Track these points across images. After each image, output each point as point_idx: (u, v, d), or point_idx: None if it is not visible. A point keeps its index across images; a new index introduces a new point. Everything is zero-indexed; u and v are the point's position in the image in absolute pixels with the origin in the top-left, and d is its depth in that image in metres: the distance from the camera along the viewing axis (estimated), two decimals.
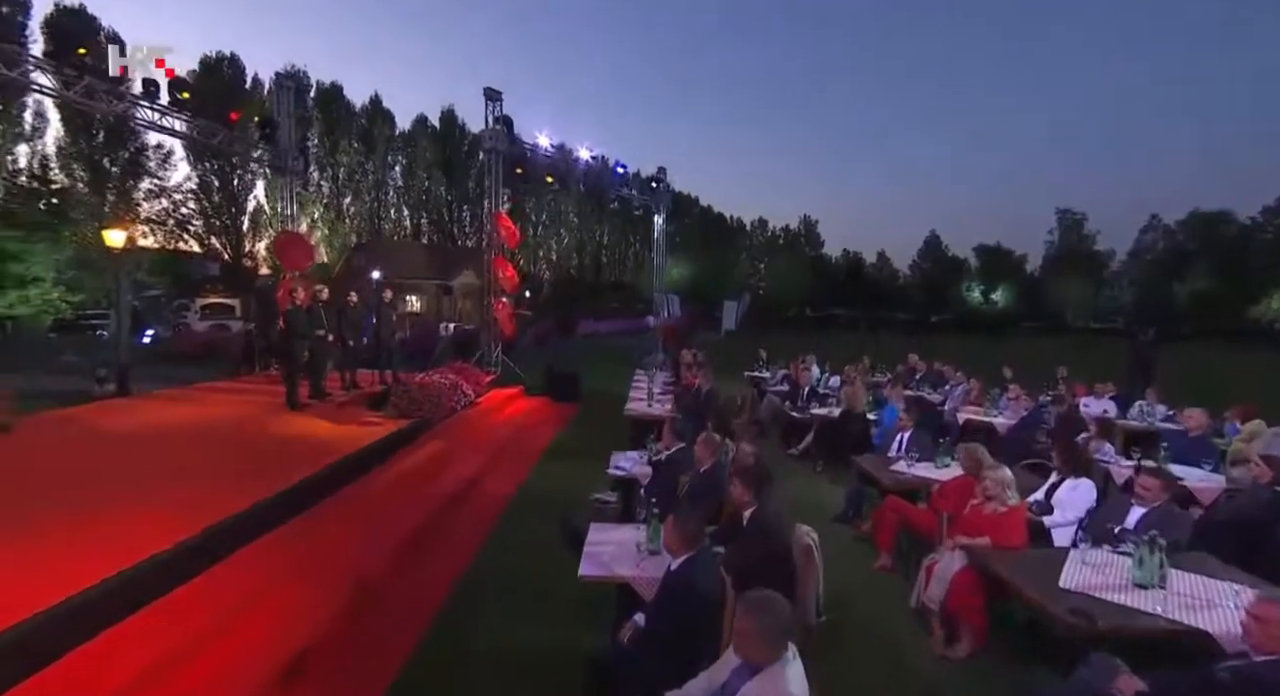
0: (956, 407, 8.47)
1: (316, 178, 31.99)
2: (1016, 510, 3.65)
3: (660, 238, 18.20)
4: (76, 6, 23.64)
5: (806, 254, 58.72)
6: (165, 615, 3.12)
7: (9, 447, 5.60)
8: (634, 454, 5.29)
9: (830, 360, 12.70)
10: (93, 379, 10.42)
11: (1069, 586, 2.94)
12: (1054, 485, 4.35)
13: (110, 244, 10.18)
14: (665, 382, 10.36)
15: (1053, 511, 4.16)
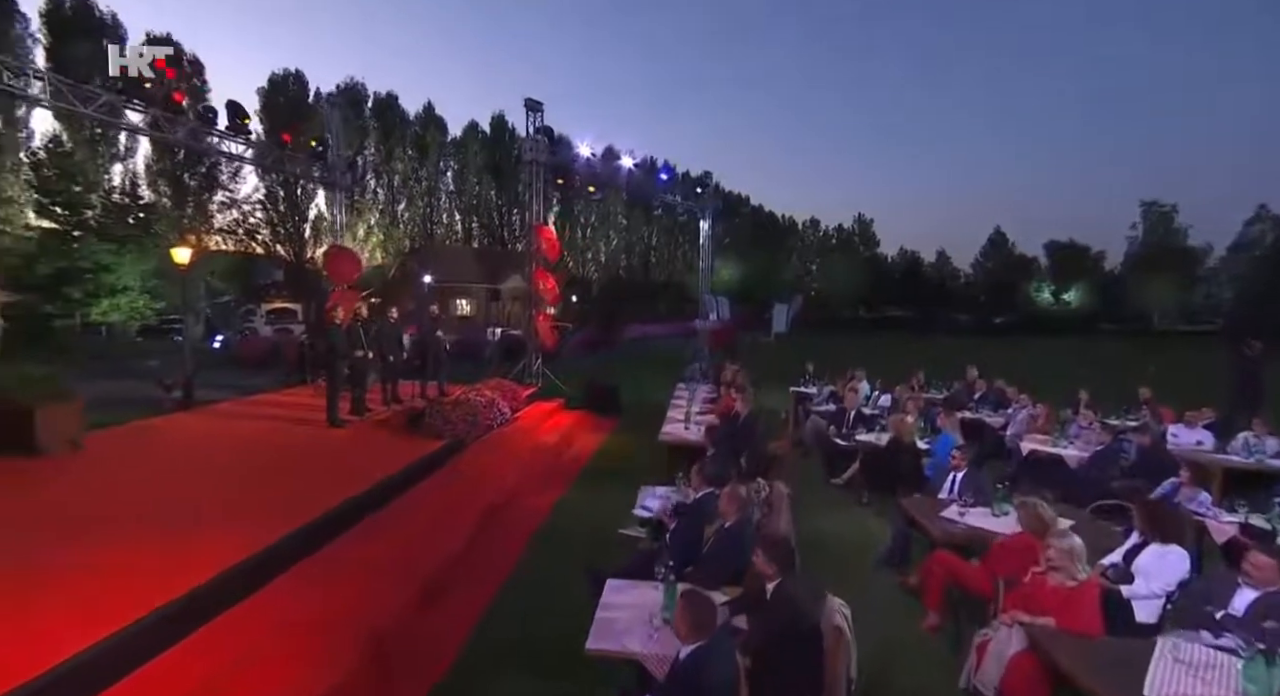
0: (1020, 434, 7.80)
1: (372, 185, 33.19)
2: (1088, 586, 3.19)
3: (706, 242, 17.84)
4: (164, 34, 25.34)
5: (861, 253, 56.79)
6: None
7: (75, 467, 5.91)
8: (663, 490, 5.04)
9: (882, 373, 12.05)
10: (166, 384, 11.08)
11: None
12: (1136, 547, 3.82)
13: (177, 261, 10.74)
14: (706, 399, 10.06)
15: (1133, 580, 3.65)
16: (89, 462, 6.02)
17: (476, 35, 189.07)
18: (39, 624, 3.12)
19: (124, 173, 24.19)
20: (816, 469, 7.96)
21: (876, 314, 55.09)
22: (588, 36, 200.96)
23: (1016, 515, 4.12)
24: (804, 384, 11.57)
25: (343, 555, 4.54)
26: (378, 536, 4.93)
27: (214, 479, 5.43)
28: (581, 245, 47.27)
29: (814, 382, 11.47)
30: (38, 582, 3.53)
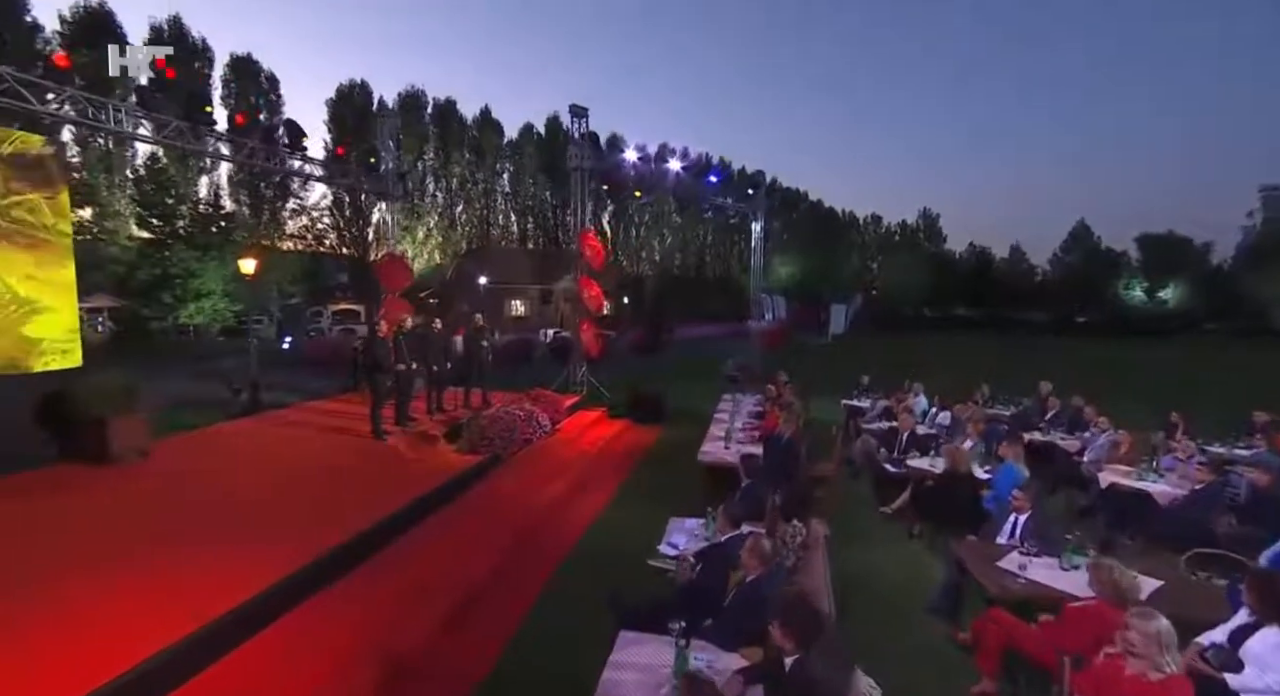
0: (1099, 462, 7.04)
1: (431, 188, 34.27)
2: (1176, 684, 2.71)
3: (758, 244, 17.31)
4: (245, 54, 27.06)
5: (926, 250, 54.04)
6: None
7: (139, 476, 6.26)
8: (693, 524, 4.80)
9: (946, 379, 11.27)
10: (235, 387, 11.76)
11: None
12: (1247, 627, 3.20)
13: (244, 271, 11.33)
14: (751, 412, 9.69)
15: (1241, 667, 3.07)
16: (151, 472, 6.36)
17: (532, 38, 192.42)
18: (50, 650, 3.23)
19: (209, 184, 26.06)
20: (867, 492, 7.49)
21: (942, 313, 52.34)
22: (645, 34, 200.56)
23: (1088, 573, 3.62)
24: (856, 396, 10.97)
25: (368, 578, 4.55)
26: (405, 558, 4.93)
27: (252, 496, 5.59)
28: (636, 244, 47.28)
29: (867, 395, 10.86)
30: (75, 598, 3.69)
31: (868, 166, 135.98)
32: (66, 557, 4.26)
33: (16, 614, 3.54)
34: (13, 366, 6.25)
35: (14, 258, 6.24)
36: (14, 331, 6.25)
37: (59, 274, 6.62)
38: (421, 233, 33.53)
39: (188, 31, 25.12)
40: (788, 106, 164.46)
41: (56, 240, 6.58)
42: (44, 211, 6.46)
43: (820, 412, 12.08)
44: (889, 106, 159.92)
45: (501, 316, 31.18)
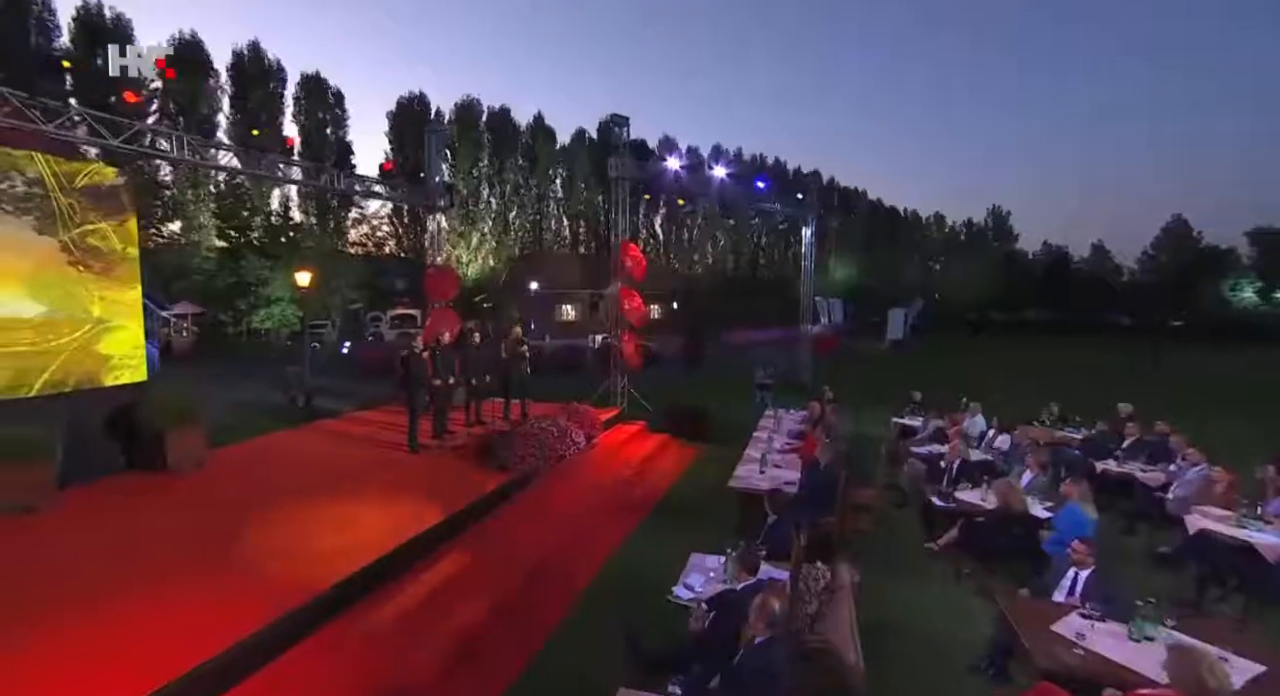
0: (1187, 502, 6.27)
1: (485, 194, 35.13)
2: None
3: (808, 249, 16.75)
4: (314, 72, 28.59)
5: (995, 249, 51.09)
6: None
7: (194, 485, 6.63)
8: (715, 563, 4.59)
9: (1013, 395, 10.45)
10: (291, 394, 12.42)
11: None
12: None
13: (300, 284, 11.89)
14: (792, 431, 9.32)
15: None
16: (198, 484, 6.72)
17: (588, 42, 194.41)
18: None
19: (280, 197, 27.67)
20: (914, 522, 7.03)
21: (1014, 316, 49.27)
22: (702, 34, 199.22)
23: (1166, 655, 3.10)
24: (907, 413, 10.37)
25: (377, 608, 4.58)
26: (420, 585, 4.95)
27: (277, 515, 5.78)
28: (689, 247, 46.94)
29: (919, 413, 10.24)
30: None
31: (931, 164, 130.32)
32: (90, 573, 4.52)
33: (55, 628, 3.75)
34: (88, 381, 6.73)
35: (88, 281, 6.72)
36: (89, 349, 6.74)
37: (127, 295, 7.09)
38: (476, 238, 34.43)
39: (264, 54, 26.82)
40: (848, 103, 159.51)
41: (125, 264, 7.06)
42: (114, 237, 6.94)
43: (870, 426, 11.55)
44: (955, 100, 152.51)
45: (552, 321, 31.60)
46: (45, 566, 4.72)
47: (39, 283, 6.36)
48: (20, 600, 4.10)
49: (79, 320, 6.65)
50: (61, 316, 6.51)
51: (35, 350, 6.31)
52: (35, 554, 4.97)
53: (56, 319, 6.47)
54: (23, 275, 6.25)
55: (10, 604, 4.04)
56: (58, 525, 5.51)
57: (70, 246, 6.58)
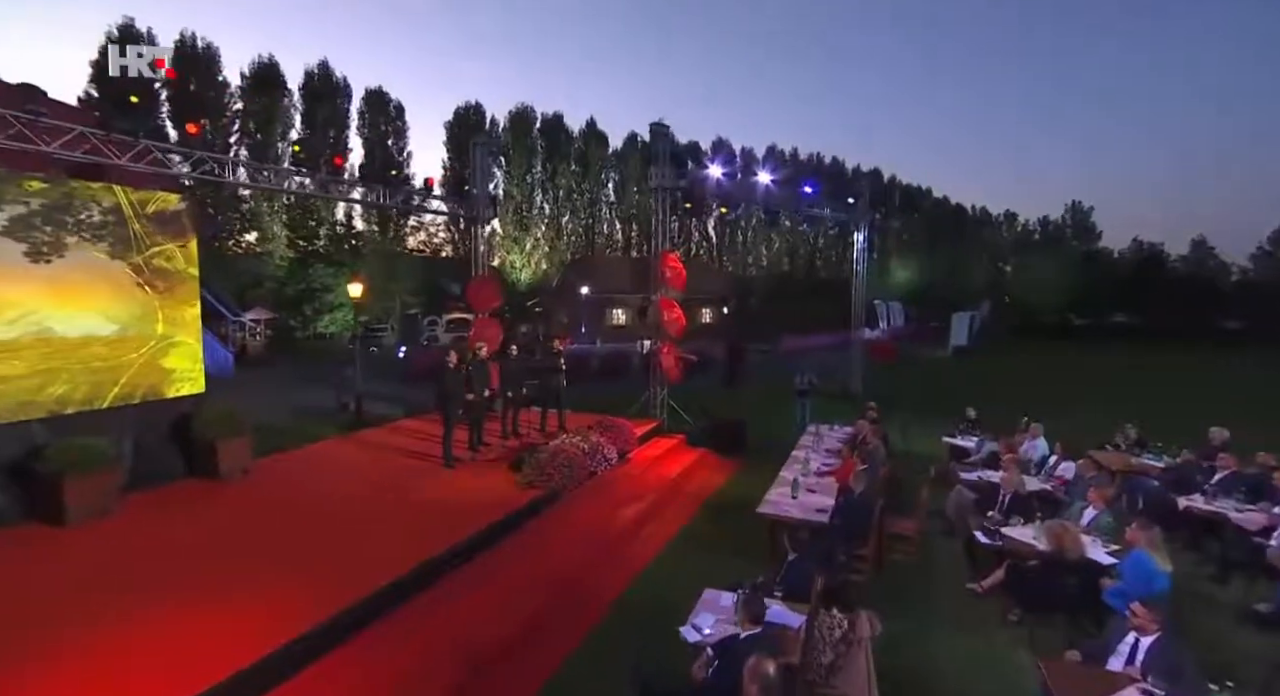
0: None
1: (539, 200, 35.80)
2: None
3: (860, 255, 16.12)
4: (377, 87, 30.01)
5: (1074, 248, 47.64)
6: None
7: (239, 493, 7.03)
8: (729, 601, 4.39)
9: (1089, 410, 9.55)
10: (343, 400, 13.01)
11: None
12: None
13: (352, 295, 12.44)
14: (833, 451, 8.94)
15: None
16: (248, 491, 7.13)
17: (638, 42, 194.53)
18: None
19: (345, 207, 29.23)
20: (959, 556, 6.56)
21: (1097, 320, 45.73)
22: (754, 31, 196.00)
23: None
24: (960, 433, 9.73)
25: (390, 631, 4.66)
26: (436, 608, 5.02)
27: (307, 527, 6.06)
28: (742, 250, 46.28)
29: (973, 432, 9.58)
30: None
31: (1002, 159, 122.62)
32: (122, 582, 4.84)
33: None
34: (153, 393, 7.26)
35: (154, 300, 7.24)
36: (154, 363, 7.26)
37: (188, 312, 7.59)
38: (529, 243, 35.15)
39: (332, 72, 28.41)
40: (911, 96, 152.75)
41: (186, 283, 7.57)
42: (178, 258, 7.45)
43: (921, 444, 10.96)
44: (1027, 92, 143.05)
45: (603, 325, 31.83)
46: (90, 570, 5.10)
47: (113, 303, 6.90)
48: (75, 602, 4.45)
49: (146, 337, 7.17)
50: (131, 333, 7.04)
51: (108, 365, 6.85)
52: (89, 558, 5.38)
53: (127, 336, 7.00)
54: (100, 297, 6.80)
55: (62, 607, 4.38)
56: (111, 531, 5.95)
57: (140, 268, 7.11)
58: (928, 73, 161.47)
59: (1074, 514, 6.27)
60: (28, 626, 4.18)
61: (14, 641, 3.98)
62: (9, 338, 6.18)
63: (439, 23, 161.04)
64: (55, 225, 6.47)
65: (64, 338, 6.53)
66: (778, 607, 4.31)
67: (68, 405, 6.57)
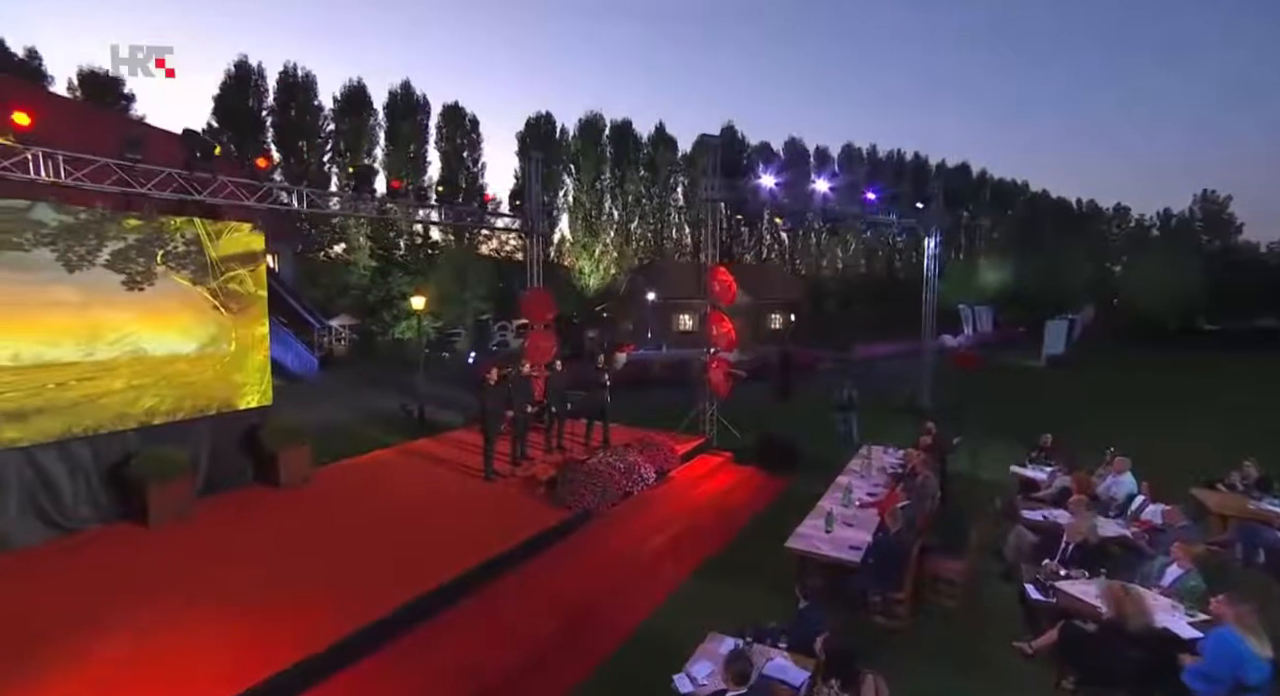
0: None
1: (608, 206, 36.25)
2: None
3: (931, 263, 15.12)
4: (453, 103, 31.57)
5: (1206, 244, 42.34)
6: None
7: (299, 501, 7.57)
8: (730, 647, 4.22)
9: (1207, 436, 8.21)
10: (407, 406, 13.74)
11: None
12: None
13: (415, 308, 13.11)
14: (884, 470, 8.43)
15: None
16: (305, 499, 7.66)
17: (709, 44, 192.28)
18: None
19: (423, 216, 30.99)
20: (1013, 605, 5.95)
21: (1232, 324, 40.22)
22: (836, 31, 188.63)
23: None
24: (1030, 462, 8.84)
25: (403, 654, 4.84)
26: (455, 627, 5.16)
27: (355, 537, 6.46)
28: (815, 252, 44.79)
29: (1046, 463, 8.67)
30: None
31: (1114, 148, 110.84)
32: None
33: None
34: (225, 405, 7.96)
35: (228, 320, 7.95)
36: (227, 377, 7.97)
37: (257, 330, 8.28)
38: (598, 249, 35.67)
39: (413, 91, 30.17)
40: (1001, 91, 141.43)
41: (256, 304, 8.25)
42: (248, 282, 8.13)
43: (993, 471, 10.12)
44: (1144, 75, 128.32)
45: (670, 331, 31.76)
46: (157, 572, 5.65)
47: (193, 324, 7.64)
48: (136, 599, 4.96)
49: (220, 354, 7.88)
50: (208, 351, 7.76)
51: (188, 380, 7.59)
52: (158, 559, 5.97)
53: (204, 353, 7.73)
54: (182, 319, 7.56)
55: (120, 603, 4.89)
56: (182, 534, 6.58)
57: (216, 292, 7.83)
58: (1022, 57, 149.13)
59: (1154, 571, 5.53)
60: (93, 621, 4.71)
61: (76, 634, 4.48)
62: (109, 357, 6.99)
63: (514, 35, 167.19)
64: (147, 257, 7.25)
65: (153, 356, 7.30)
66: (781, 660, 4.10)
67: (155, 416, 7.34)
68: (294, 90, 27.96)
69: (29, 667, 4.22)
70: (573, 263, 35.35)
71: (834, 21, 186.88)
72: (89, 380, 6.84)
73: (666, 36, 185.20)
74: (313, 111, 28.12)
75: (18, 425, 6.43)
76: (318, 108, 28.26)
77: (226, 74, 26.99)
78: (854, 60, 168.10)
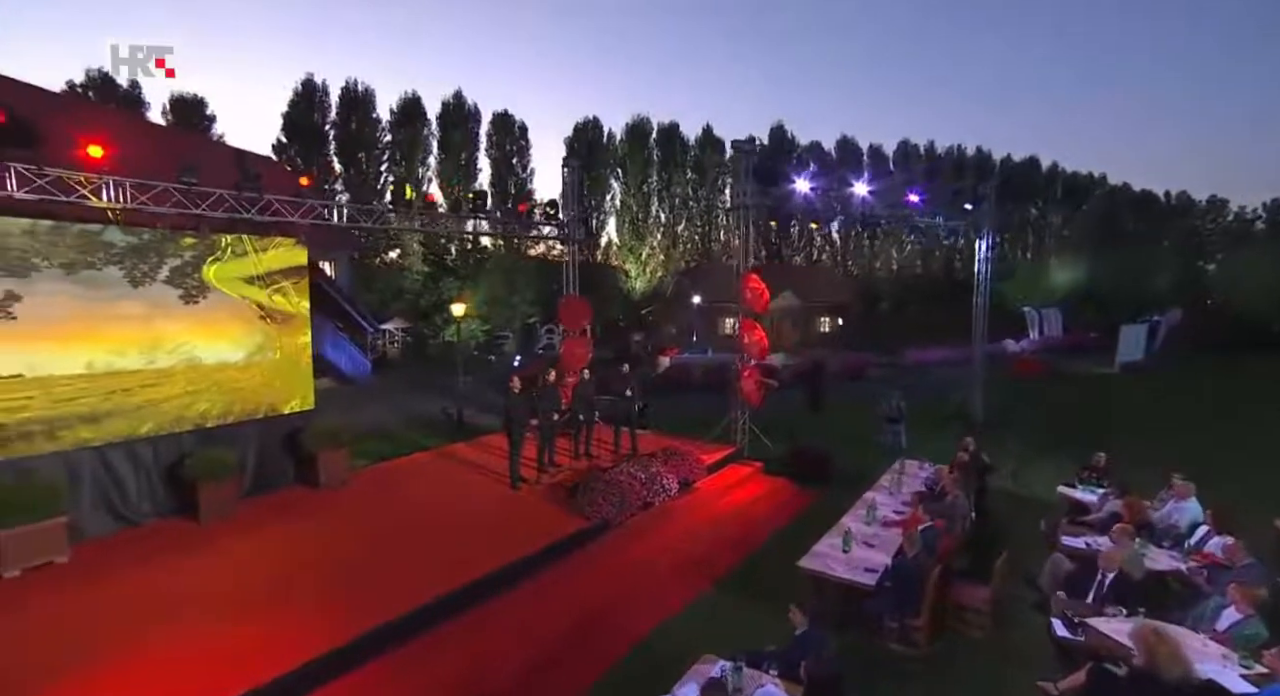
0: None
1: (654, 209, 36.30)
2: None
3: (982, 267, 14.35)
4: (503, 111, 32.47)
5: None
6: None
7: (335, 503, 7.99)
8: (719, 672, 4.16)
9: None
10: (448, 410, 14.19)
11: None
12: None
13: (455, 315, 13.56)
14: (923, 481, 8.10)
15: None
16: (341, 501, 8.07)
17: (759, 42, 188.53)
18: None
19: (473, 224, 31.93)
20: (1043, 636, 5.57)
21: None
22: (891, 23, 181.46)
23: None
24: (1080, 483, 8.24)
25: (416, 654, 5.02)
26: (462, 635, 5.32)
27: (379, 541, 6.79)
28: (869, 253, 43.36)
29: (1098, 484, 8.06)
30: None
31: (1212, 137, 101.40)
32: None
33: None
34: (271, 410, 8.49)
35: (273, 329, 8.48)
36: (272, 384, 8.49)
37: (299, 339, 8.78)
38: (645, 252, 35.79)
39: (465, 100, 31.19)
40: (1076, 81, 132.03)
41: (299, 314, 8.75)
42: (292, 294, 8.65)
43: (1040, 488, 9.54)
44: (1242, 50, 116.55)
45: (716, 334, 31.50)
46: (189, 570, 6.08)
47: (242, 334, 8.20)
48: None
49: (266, 362, 8.41)
50: (255, 359, 8.30)
51: (237, 386, 8.15)
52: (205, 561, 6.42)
53: (252, 361, 8.27)
54: (232, 329, 8.12)
55: None
56: (225, 532, 7.05)
57: (263, 304, 8.36)
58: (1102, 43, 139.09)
59: (1207, 613, 5.05)
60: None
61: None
62: (168, 365, 7.59)
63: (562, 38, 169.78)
64: (201, 272, 7.83)
65: (206, 363, 7.88)
66: (772, 687, 4.00)
67: (208, 419, 7.91)
68: (355, 104, 29.42)
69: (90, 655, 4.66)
70: (619, 266, 35.60)
71: (889, 13, 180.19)
72: (151, 386, 7.44)
73: (715, 34, 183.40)
74: (371, 124, 29.51)
75: (91, 426, 7.08)
76: (375, 120, 29.64)
77: (294, 92, 28.73)
78: (911, 54, 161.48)
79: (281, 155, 27.85)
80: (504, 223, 13.80)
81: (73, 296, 6.87)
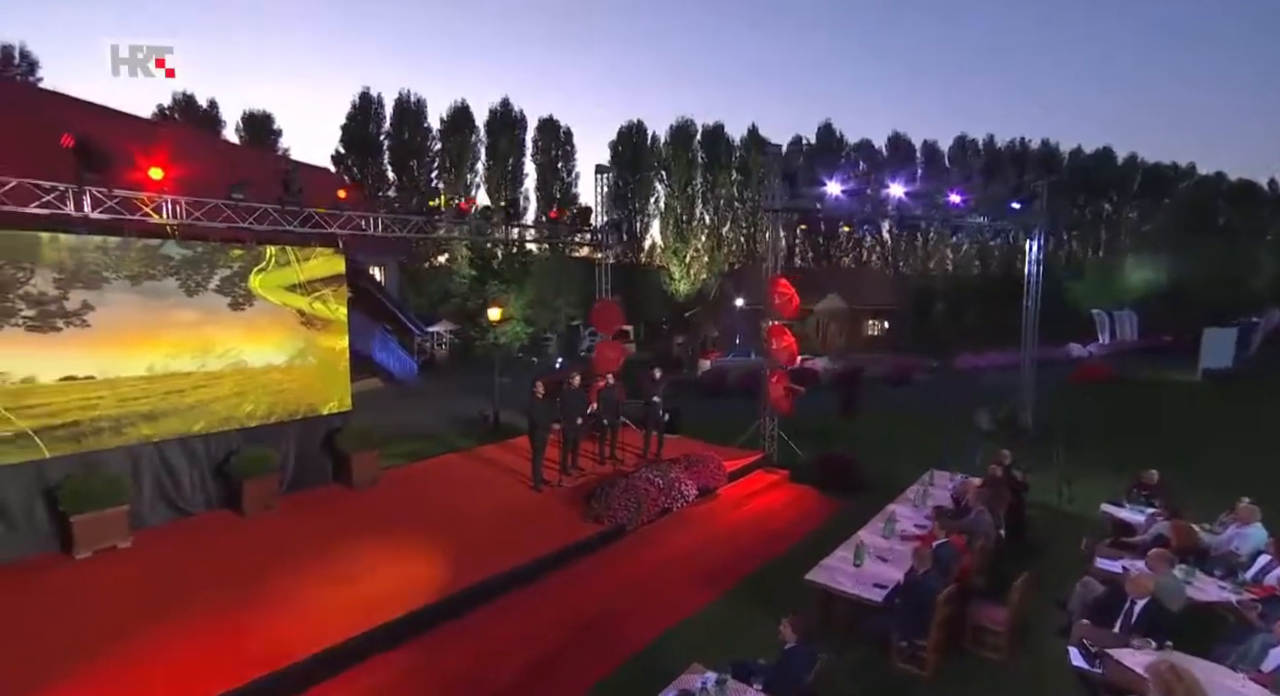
0: None
1: (699, 211, 36.20)
2: None
3: (1033, 269, 13.61)
4: (548, 116, 33.12)
5: None
6: None
7: (363, 503, 8.41)
8: (701, 684, 4.14)
9: None
10: (484, 411, 14.59)
11: None
12: None
13: (491, 319, 13.96)
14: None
15: None
16: (368, 501, 8.48)
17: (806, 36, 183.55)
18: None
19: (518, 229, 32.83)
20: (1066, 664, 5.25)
21: None
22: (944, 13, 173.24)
23: None
24: (1127, 502, 7.68)
25: (417, 656, 5.22)
26: (465, 636, 5.49)
27: (398, 540, 7.04)
28: (922, 253, 41.76)
29: (1146, 503, 7.49)
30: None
31: None
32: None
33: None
34: (311, 411, 9.00)
35: (314, 335, 8.99)
36: (312, 386, 9.00)
37: (338, 343, 9.27)
38: (689, 254, 35.74)
39: (511, 107, 32.11)
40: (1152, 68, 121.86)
41: (337, 320, 9.24)
42: (331, 301, 9.14)
43: (1089, 505, 8.95)
44: None
45: (759, 337, 31.09)
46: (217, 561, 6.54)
47: (284, 339, 8.73)
48: None
49: (307, 366, 8.92)
50: (296, 362, 8.82)
51: (280, 388, 8.68)
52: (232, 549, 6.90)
53: (293, 364, 8.80)
54: (275, 334, 8.66)
55: None
56: (262, 526, 7.54)
57: (304, 311, 8.88)
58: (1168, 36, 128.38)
59: (1252, 652, 4.64)
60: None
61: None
62: (218, 368, 8.18)
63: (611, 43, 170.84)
64: (247, 281, 8.40)
65: (252, 367, 8.43)
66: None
67: (253, 419, 8.47)
68: (407, 114, 30.76)
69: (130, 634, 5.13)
70: (663, 267, 35.67)
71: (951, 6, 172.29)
72: (202, 387, 8.04)
73: (761, 30, 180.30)
74: (422, 133, 30.79)
75: (151, 424, 7.71)
76: (426, 129, 30.89)
77: (352, 105, 30.30)
78: (966, 45, 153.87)
79: (339, 165, 29.41)
80: (537, 229, 14.09)
81: (136, 305, 7.51)
